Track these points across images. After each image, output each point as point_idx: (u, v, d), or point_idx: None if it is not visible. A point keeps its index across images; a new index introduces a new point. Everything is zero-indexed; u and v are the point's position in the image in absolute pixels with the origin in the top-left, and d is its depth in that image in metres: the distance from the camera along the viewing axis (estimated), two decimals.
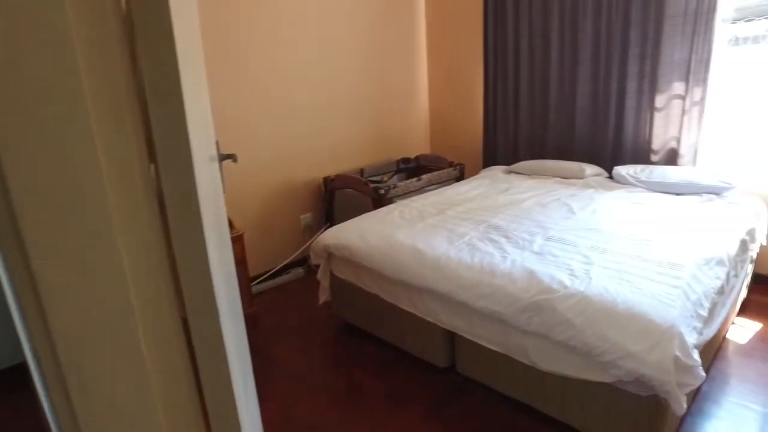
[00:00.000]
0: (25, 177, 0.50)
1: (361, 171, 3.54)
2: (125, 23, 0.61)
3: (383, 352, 2.27)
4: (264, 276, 3.12)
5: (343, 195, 3.28)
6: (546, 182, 3.04)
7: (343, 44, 3.42)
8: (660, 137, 2.91)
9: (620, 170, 2.88)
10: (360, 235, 2.23)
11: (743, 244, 2.07)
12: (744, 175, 2.69)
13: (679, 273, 1.64)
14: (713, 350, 2.04)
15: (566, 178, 3.07)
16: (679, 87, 2.77)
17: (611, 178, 2.98)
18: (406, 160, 3.93)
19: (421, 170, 3.82)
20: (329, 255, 2.36)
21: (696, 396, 1.86)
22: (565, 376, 1.57)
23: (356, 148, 3.66)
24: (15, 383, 2.05)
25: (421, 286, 1.91)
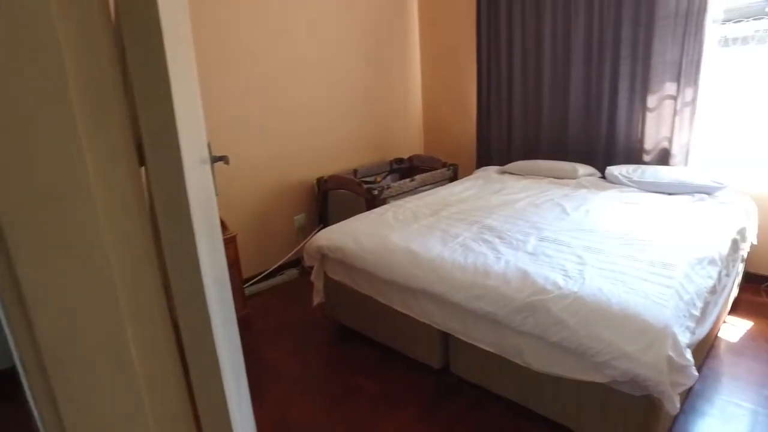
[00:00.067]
0: (9, 183, 0.49)
1: (355, 171, 3.53)
2: (113, 24, 0.60)
3: (377, 354, 2.26)
4: (257, 277, 3.10)
5: (337, 196, 3.27)
6: (539, 182, 3.04)
7: (336, 45, 3.40)
8: (652, 137, 2.93)
9: (613, 170, 2.90)
10: (354, 237, 2.22)
11: (734, 244, 2.08)
12: (734, 175, 2.71)
13: (672, 273, 1.65)
14: (705, 349, 2.06)
15: (559, 179, 3.08)
16: (671, 87, 2.79)
17: (604, 178, 2.99)
18: (400, 161, 3.92)
19: (415, 171, 3.81)
20: (323, 256, 2.35)
21: (689, 394, 1.87)
22: (560, 377, 1.57)
23: (349, 149, 3.65)
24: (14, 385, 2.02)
25: (415, 288, 1.91)
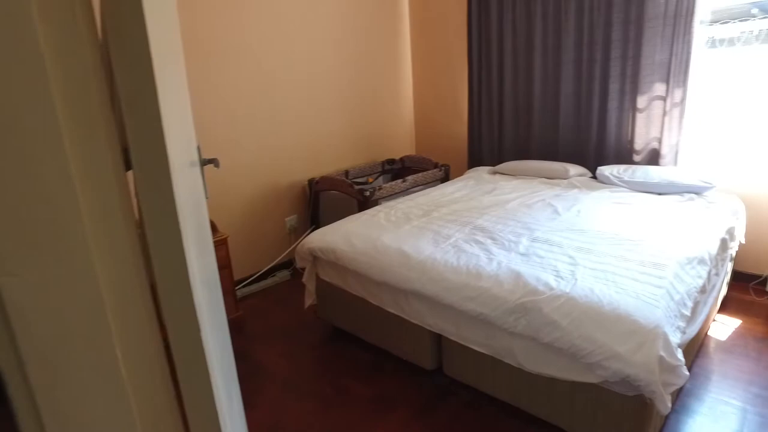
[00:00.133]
0: None
1: (346, 173, 3.52)
2: (97, 28, 0.59)
3: (370, 355, 2.26)
4: (249, 279, 3.08)
5: (328, 197, 3.26)
6: (531, 183, 3.05)
7: (327, 46, 3.39)
8: (642, 137, 2.95)
9: (604, 170, 2.91)
10: (345, 238, 2.21)
11: (723, 243, 2.10)
12: (722, 175, 2.74)
13: (663, 273, 1.66)
14: (695, 348, 2.07)
15: (551, 179, 3.09)
16: (660, 88, 2.81)
17: (595, 178, 3.01)
18: (391, 162, 3.92)
19: (407, 171, 3.81)
20: (314, 258, 2.33)
21: (679, 393, 1.88)
22: (552, 377, 1.57)
23: (341, 150, 3.64)
24: None
25: (408, 289, 1.90)
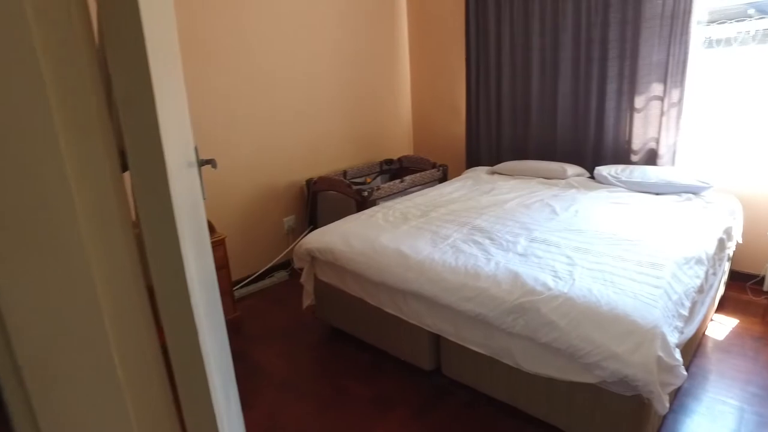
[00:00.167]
0: None
1: (344, 173, 3.51)
2: (94, 30, 0.59)
3: (368, 356, 2.25)
4: (247, 280, 3.08)
5: (326, 197, 3.26)
6: (529, 183, 3.06)
7: (325, 46, 3.39)
8: (640, 138, 2.96)
9: (601, 170, 2.92)
10: (343, 239, 2.20)
11: (721, 243, 2.11)
12: (719, 175, 2.75)
13: (660, 273, 1.66)
14: (693, 347, 2.08)
15: (549, 179, 3.09)
16: (658, 88, 2.82)
17: (593, 178, 3.02)
18: (389, 162, 3.92)
19: (405, 171, 3.81)
20: (312, 258, 2.33)
21: (677, 393, 1.89)
22: (550, 378, 1.57)
23: (339, 150, 3.64)
24: None
25: (406, 290, 1.90)
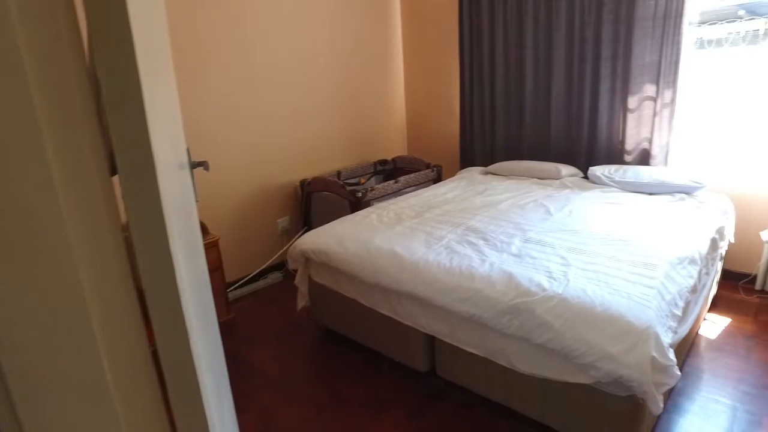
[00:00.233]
0: None
1: (338, 173, 3.50)
2: (81, 29, 0.57)
3: (363, 358, 2.25)
4: (241, 281, 3.06)
5: (320, 198, 3.25)
6: (523, 183, 3.06)
7: (318, 46, 3.38)
8: (633, 138, 2.97)
9: (595, 170, 2.93)
10: (338, 240, 2.20)
11: (713, 243, 2.12)
12: (712, 174, 2.76)
13: (654, 273, 1.66)
14: (687, 347, 2.09)
15: (543, 179, 3.10)
16: (650, 89, 2.83)
17: (586, 178, 3.02)
18: (383, 162, 3.91)
19: (399, 172, 3.80)
20: (307, 260, 2.32)
21: (671, 392, 1.89)
22: (545, 378, 1.57)
23: (333, 151, 3.63)
24: None
25: (400, 291, 1.90)
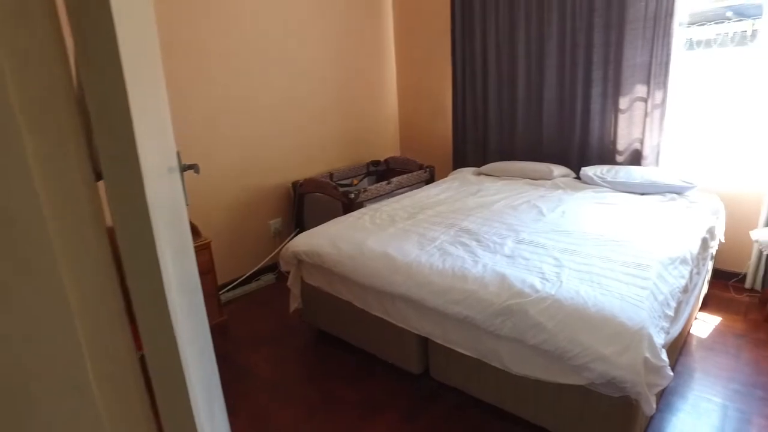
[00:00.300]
0: None
1: (331, 175, 3.49)
2: (63, 31, 0.56)
3: (356, 360, 2.23)
4: (233, 283, 3.04)
5: (313, 199, 3.23)
6: (515, 183, 3.06)
7: (311, 47, 3.36)
8: (624, 138, 2.98)
9: (587, 171, 2.94)
10: (330, 242, 2.18)
11: (704, 243, 2.13)
12: (702, 174, 2.78)
13: (646, 273, 1.67)
14: (678, 346, 2.10)
15: (535, 179, 3.11)
16: (641, 90, 2.85)
17: (579, 179, 3.03)
18: (376, 163, 3.90)
19: (391, 173, 3.80)
20: (299, 262, 2.31)
21: (663, 392, 1.90)
22: (538, 380, 1.57)
23: (325, 152, 3.61)
24: None
25: (393, 293, 1.89)
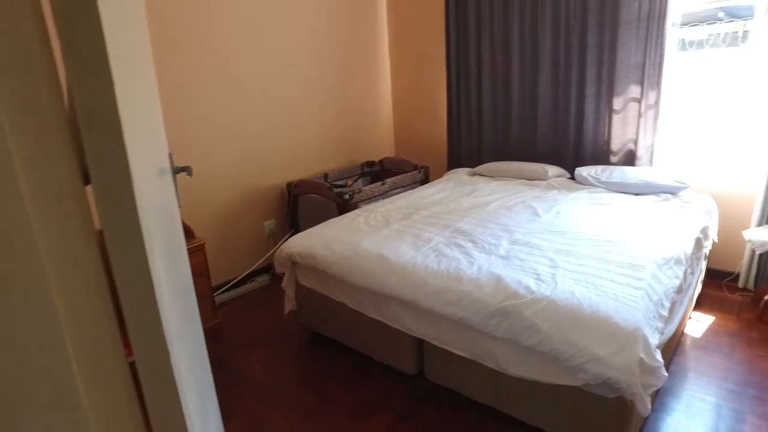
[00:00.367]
0: None
1: (325, 175, 3.48)
2: (50, 37, 0.55)
3: (351, 361, 2.23)
4: (227, 285, 3.02)
5: (307, 200, 3.22)
6: (510, 184, 3.06)
7: (305, 47, 3.35)
8: (618, 138, 2.99)
9: (582, 171, 2.94)
10: (325, 243, 2.17)
11: (698, 243, 2.14)
12: (695, 174, 2.79)
13: (641, 274, 1.67)
14: (673, 346, 2.10)
15: (530, 180, 3.11)
16: (635, 90, 2.86)
17: (573, 179, 3.04)
18: (371, 164, 3.89)
19: (386, 173, 3.79)
20: (294, 263, 2.29)
21: (658, 392, 1.90)
22: (534, 381, 1.57)
23: (319, 152, 3.60)
24: None
25: (388, 294, 1.88)
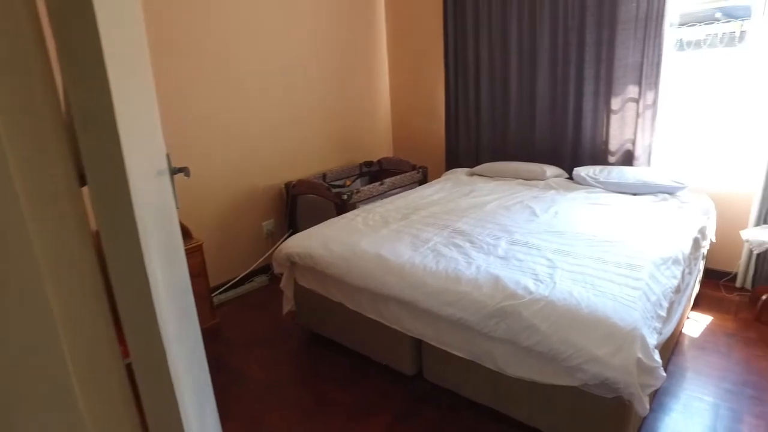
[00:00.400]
0: None
1: (324, 175, 3.48)
2: (45, 38, 0.54)
3: (350, 362, 2.22)
4: (226, 285, 3.01)
5: (306, 200, 3.22)
6: (508, 184, 3.07)
7: (303, 48, 3.34)
8: (616, 139, 2.99)
9: (580, 171, 2.94)
10: (323, 243, 2.17)
11: (696, 243, 2.14)
12: (693, 174, 2.80)
13: (639, 274, 1.67)
14: (671, 346, 2.11)
15: (528, 180, 3.11)
16: (633, 90, 2.86)
17: (571, 179, 3.04)
18: (369, 164, 3.89)
19: (384, 174, 3.79)
20: (292, 264, 2.29)
21: (656, 392, 1.91)
22: (532, 381, 1.57)
23: (318, 152, 3.59)
24: None
25: (386, 295, 1.88)
